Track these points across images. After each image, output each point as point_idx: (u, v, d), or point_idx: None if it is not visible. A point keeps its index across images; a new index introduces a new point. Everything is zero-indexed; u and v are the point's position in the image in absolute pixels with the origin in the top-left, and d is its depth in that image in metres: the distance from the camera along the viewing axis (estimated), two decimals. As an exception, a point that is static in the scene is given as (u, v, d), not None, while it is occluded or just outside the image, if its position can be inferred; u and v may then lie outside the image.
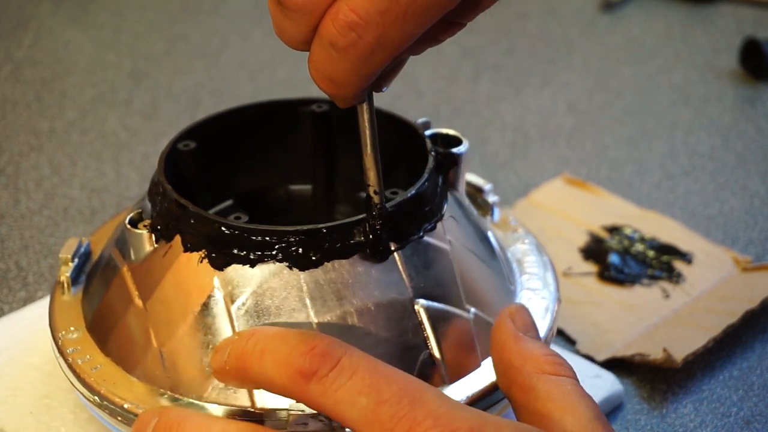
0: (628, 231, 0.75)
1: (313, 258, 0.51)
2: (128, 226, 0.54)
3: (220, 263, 0.52)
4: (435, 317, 0.52)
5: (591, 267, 0.72)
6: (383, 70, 0.46)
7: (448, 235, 0.55)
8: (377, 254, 0.52)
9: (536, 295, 0.58)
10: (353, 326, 0.51)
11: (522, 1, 1.08)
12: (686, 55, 0.99)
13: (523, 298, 0.58)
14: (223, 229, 0.52)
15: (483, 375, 0.53)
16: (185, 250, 0.52)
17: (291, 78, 0.95)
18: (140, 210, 0.55)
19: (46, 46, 1.00)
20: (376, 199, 0.51)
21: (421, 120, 0.60)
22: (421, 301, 0.52)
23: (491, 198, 0.63)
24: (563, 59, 0.99)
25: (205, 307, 0.52)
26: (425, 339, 0.52)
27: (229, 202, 0.63)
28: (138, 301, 0.53)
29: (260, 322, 0.51)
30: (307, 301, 0.51)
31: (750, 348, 0.66)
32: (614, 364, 0.65)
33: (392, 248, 0.52)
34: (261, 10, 1.06)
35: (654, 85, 0.95)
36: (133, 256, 0.54)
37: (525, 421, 0.48)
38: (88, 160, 0.84)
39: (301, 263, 0.51)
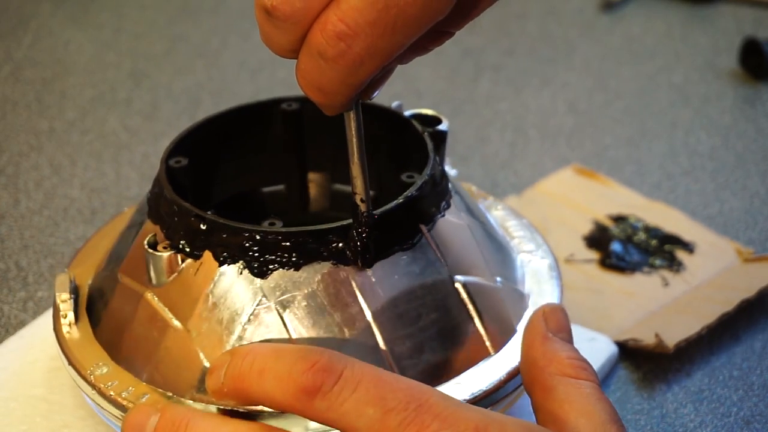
0: (633, 220, 0.75)
1: None
2: (149, 250, 0.53)
3: (262, 271, 0.51)
4: (473, 292, 0.54)
5: (593, 254, 0.73)
6: (371, 79, 0.46)
7: (460, 211, 0.56)
8: (365, 262, 0.52)
9: (534, 257, 0.60)
10: (405, 312, 0.52)
11: (522, 1, 1.08)
12: (686, 55, 0.99)
13: (524, 261, 0.59)
14: (259, 237, 0.51)
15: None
16: (220, 264, 0.52)
17: (291, 78, 0.94)
18: (154, 234, 0.53)
19: (46, 46, 1.00)
20: (362, 207, 0.50)
21: (395, 104, 0.60)
22: (458, 277, 0.53)
23: (452, 171, 0.63)
24: (563, 59, 0.99)
25: (255, 317, 0.51)
26: (468, 314, 0.53)
27: (209, 213, 0.63)
28: (176, 324, 0.52)
29: (315, 322, 0.51)
30: (358, 294, 0.51)
31: (750, 348, 0.66)
32: (614, 364, 0.65)
33: (423, 230, 0.53)
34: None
35: (654, 85, 0.95)
36: (154, 280, 0.53)
37: (541, 421, 0.49)
38: (88, 160, 0.84)
39: (347, 259, 0.51)
